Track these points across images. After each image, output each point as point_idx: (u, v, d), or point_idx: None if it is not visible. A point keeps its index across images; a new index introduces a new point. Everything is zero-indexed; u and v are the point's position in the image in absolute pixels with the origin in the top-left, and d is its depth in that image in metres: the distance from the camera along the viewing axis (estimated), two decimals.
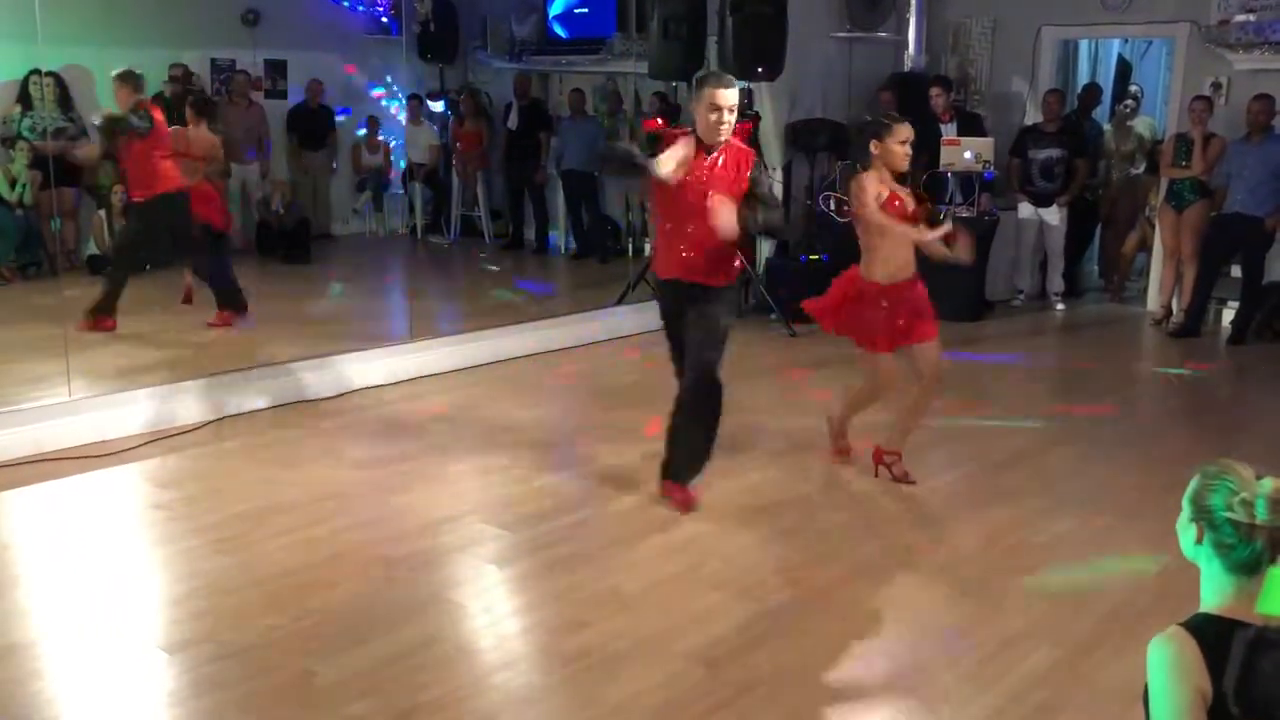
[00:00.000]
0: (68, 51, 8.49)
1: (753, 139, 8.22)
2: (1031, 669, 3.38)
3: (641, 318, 8.03)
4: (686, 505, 4.59)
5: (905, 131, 4.72)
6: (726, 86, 4.34)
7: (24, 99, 8.85)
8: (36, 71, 8.36)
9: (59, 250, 6.24)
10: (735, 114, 4.37)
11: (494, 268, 10.43)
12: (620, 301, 8.32)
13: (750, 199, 4.40)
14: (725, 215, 4.19)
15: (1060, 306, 9.00)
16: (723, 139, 4.37)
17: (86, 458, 5.06)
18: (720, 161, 4.39)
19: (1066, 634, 3.60)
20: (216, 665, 3.31)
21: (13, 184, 8.68)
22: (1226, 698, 1.77)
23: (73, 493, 4.74)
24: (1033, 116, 9.16)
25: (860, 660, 3.46)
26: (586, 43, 10.97)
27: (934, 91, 8.89)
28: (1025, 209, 8.91)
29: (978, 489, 4.96)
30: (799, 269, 8.45)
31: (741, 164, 4.43)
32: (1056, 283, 9.07)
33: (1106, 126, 9.57)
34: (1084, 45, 10.25)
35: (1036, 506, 4.73)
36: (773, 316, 8.18)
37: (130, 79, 6.81)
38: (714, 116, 4.31)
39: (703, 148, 4.37)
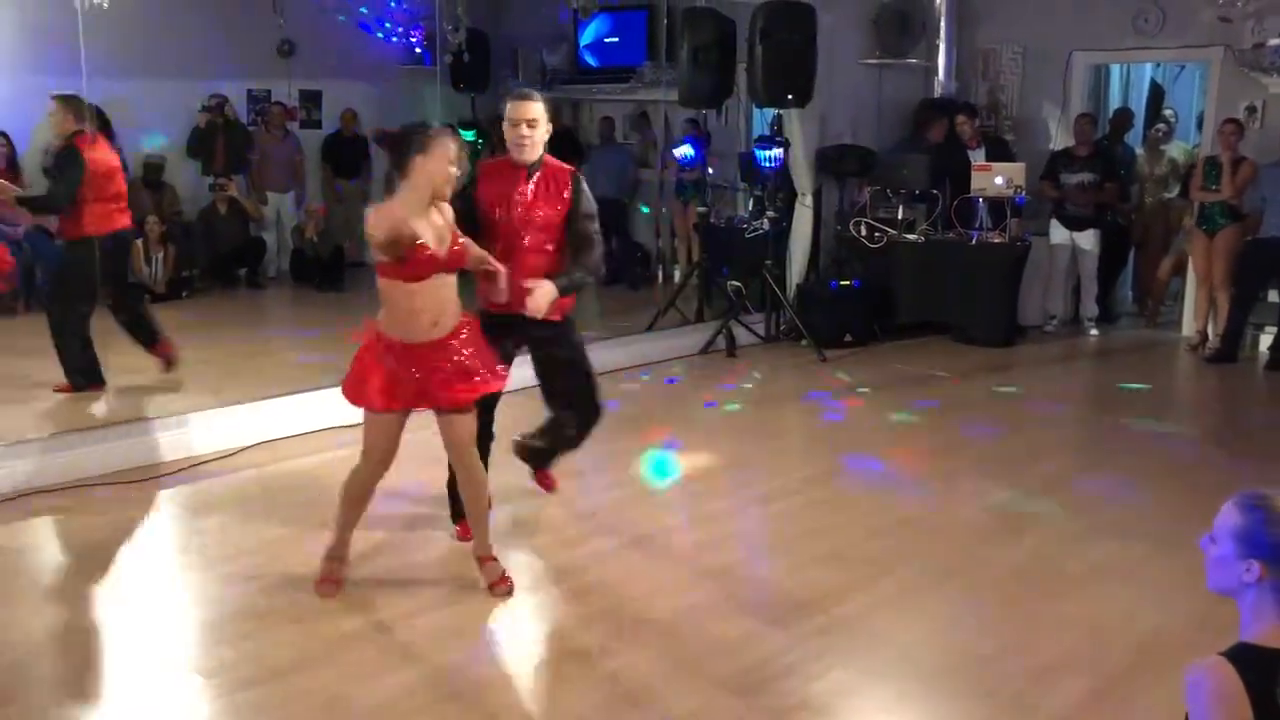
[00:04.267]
0: (110, 84, 8.67)
1: (783, 165, 8.30)
2: (1068, 698, 3.34)
3: (673, 343, 8.07)
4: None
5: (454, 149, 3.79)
6: (522, 99, 4.13)
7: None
8: None
9: (97, 278, 6.34)
10: (540, 128, 4.15)
11: None
12: (651, 328, 8.34)
13: (571, 239, 4.24)
14: (540, 298, 4.00)
15: (1094, 332, 8.93)
16: (528, 157, 4.17)
17: (123, 483, 5.12)
18: (534, 184, 4.19)
19: (1103, 662, 3.56)
20: (252, 691, 3.33)
21: None
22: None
23: (109, 518, 4.79)
24: (1060, 141, 9.14)
25: (894, 689, 3.44)
26: (617, 71, 11.07)
27: (960, 119, 8.91)
28: (1058, 233, 8.87)
29: (1011, 516, 4.92)
30: (830, 295, 8.46)
31: (559, 185, 4.23)
32: (1090, 308, 9.00)
33: (1139, 150, 9.53)
34: (1115, 70, 10.22)
35: (1071, 534, 4.68)
36: (803, 342, 8.17)
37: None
38: (512, 133, 4.13)
39: (516, 169, 4.19)
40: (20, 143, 8.92)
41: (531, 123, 4.13)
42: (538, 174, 4.22)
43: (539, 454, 4.87)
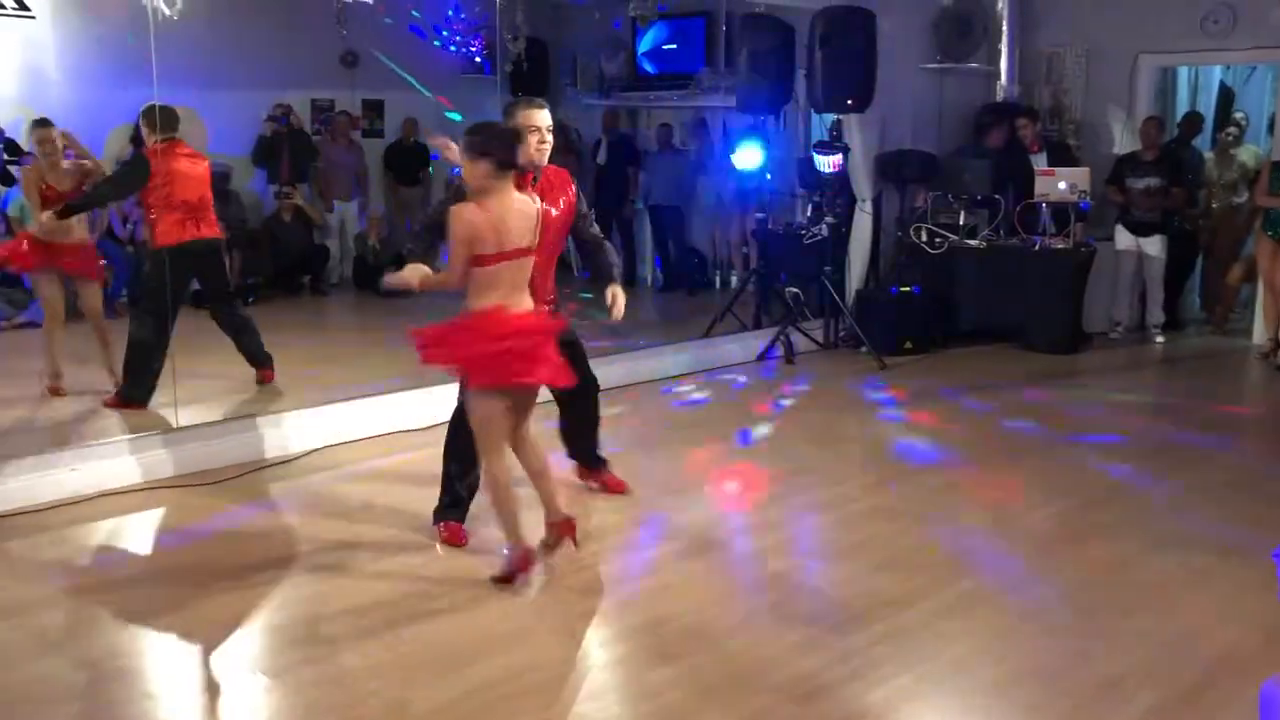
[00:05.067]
0: (177, 95, 8.85)
1: (842, 171, 8.27)
2: (1134, 713, 3.28)
3: (730, 350, 8.06)
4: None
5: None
6: (539, 108, 4.35)
7: (136, 140, 9.25)
8: None
9: (157, 299, 6.46)
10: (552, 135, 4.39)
11: None
12: (708, 334, 8.34)
13: (585, 240, 4.67)
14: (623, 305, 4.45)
15: (1160, 339, 8.77)
16: (543, 162, 4.39)
17: (190, 486, 5.23)
18: (539, 188, 4.37)
19: (1172, 677, 3.49)
20: (316, 690, 3.38)
21: (124, 220, 9.07)
22: None
23: (177, 520, 4.90)
24: (1125, 146, 8.99)
25: (955, 698, 3.40)
26: (675, 78, 11.09)
27: (1021, 123, 8.81)
28: (1123, 239, 8.72)
29: (1075, 525, 4.85)
30: (890, 300, 8.40)
31: (562, 188, 4.51)
32: (1156, 314, 8.84)
33: (1208, 154, 9.34)
34: (1183, 72, 10.03)
35: (1137, 545, 4.60)
36: (863, 349, 8.12)
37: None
38: (534, 139, 4.28)
39: (521, 175, 4.25)
40: (94, 153, 9.15)
41: (550, 129, 4.36)
42: (539, 179, 4.40)
43: (586, 454, 5.14)
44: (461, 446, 4.42)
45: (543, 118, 4.36)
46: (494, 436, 4.02)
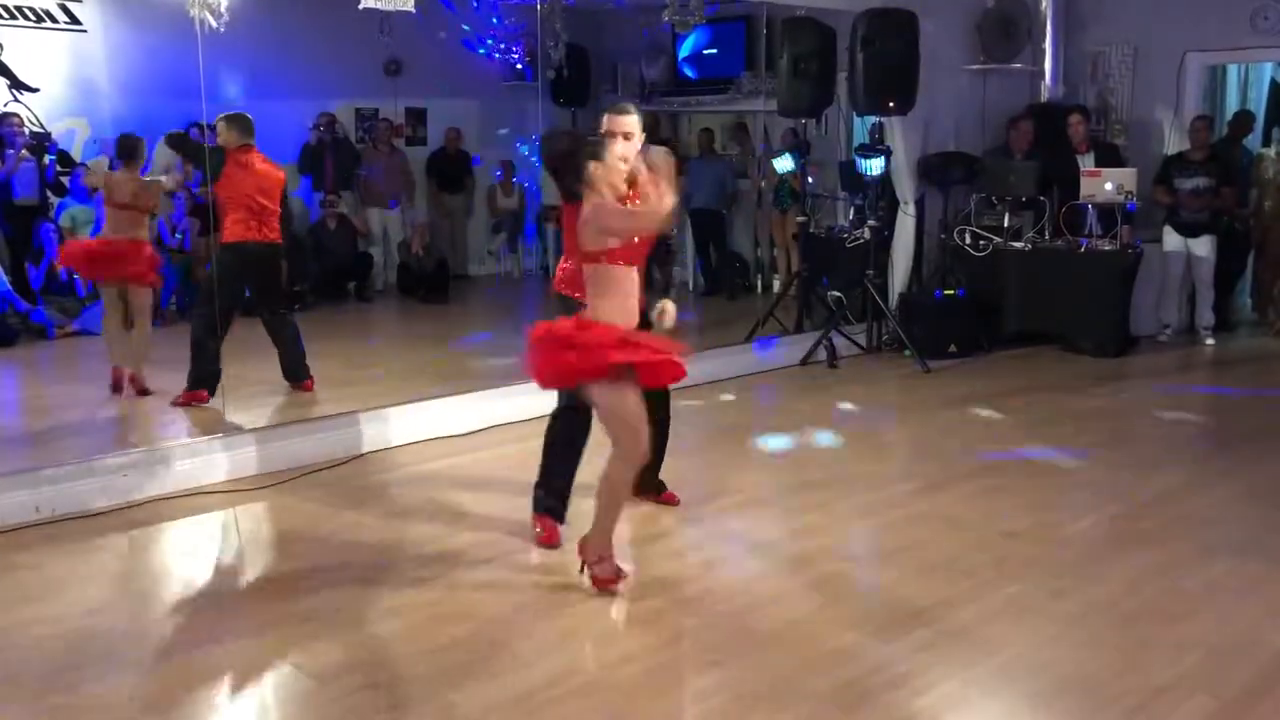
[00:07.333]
0: (223, 106, 9.00)
1: (884, 173, 8.23)
2: None
3: (772, 354, 8.03)
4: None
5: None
6: (621, 113, 4.25)
7: (185, 147, 9.39)
8: (196, 124, 8.87)
9: (214, 293, 6.57)
10: (636, 141, 4.27)
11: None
12: (749, 339, 8.32)
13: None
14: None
15: (1210, 341, 8.63)
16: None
17: (238, 491, 5.30)
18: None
19: (1224, 684, 3.43)
20: (363, 694, 3.41)
21: (172, 231, 9.21)
22: None
23: (227, 524, 4.97)
24: (1173, 145, 8.86)
25: (1001, 705, 3.37)
26: (715, 82, 11.10)
27: (1073, 119, 8.69)
28: (1171, 240, 8.60)
29: (1122, 531, 4.78)
30: (934, 304, 8.34)
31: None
32: (1206, 316, 8.70)
33: (1264, 150, 9.18)
34: (1233, 70, 9.88)
35: (1186, 551, 4.53)
36: (906, 353, 8.07)
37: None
38: (614, 144, 4.21)
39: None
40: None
41: (628, 135, 4.25)
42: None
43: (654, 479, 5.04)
44: (565, 442, 4.56)
45: (621, 123, 4.23)
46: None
